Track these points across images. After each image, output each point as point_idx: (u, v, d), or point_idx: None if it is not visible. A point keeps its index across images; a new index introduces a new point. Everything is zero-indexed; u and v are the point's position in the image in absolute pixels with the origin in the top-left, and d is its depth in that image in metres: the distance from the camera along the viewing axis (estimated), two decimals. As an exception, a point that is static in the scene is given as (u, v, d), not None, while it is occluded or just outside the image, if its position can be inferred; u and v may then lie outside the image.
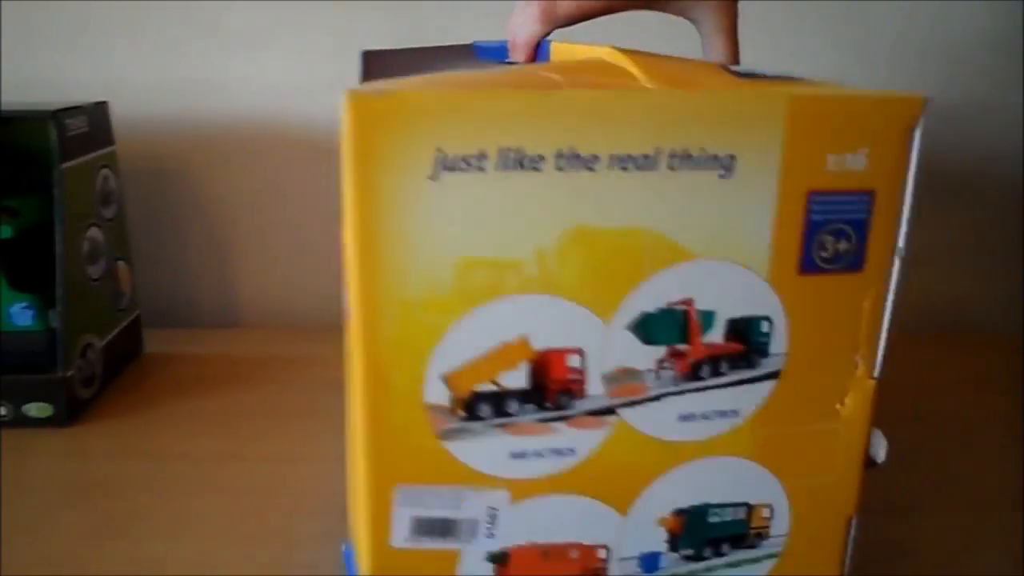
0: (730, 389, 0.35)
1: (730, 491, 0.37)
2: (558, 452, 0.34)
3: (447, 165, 0.30)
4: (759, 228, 0.33)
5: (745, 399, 0.36)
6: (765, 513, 0.38)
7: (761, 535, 0.38)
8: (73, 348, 0.63)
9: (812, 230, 0.34)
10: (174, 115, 0.84)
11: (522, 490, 0.35)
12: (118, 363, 0.72)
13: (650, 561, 0.37)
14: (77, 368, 0.64)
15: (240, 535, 0.49)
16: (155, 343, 0.78)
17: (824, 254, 0.34)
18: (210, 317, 0.90)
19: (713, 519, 0.37)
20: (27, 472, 0.56)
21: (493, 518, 0.35)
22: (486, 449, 0.34)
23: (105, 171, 0.70)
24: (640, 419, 0.35)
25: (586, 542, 0.36)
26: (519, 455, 0.34)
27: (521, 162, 0.31)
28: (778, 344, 0.35)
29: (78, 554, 0.47)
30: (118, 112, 0.78)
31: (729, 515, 0.37)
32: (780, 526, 0.38)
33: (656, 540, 0.37)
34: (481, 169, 0.31)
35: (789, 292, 0.34)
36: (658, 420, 0.35)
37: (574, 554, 0.36)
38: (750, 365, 0.35)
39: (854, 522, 0.39)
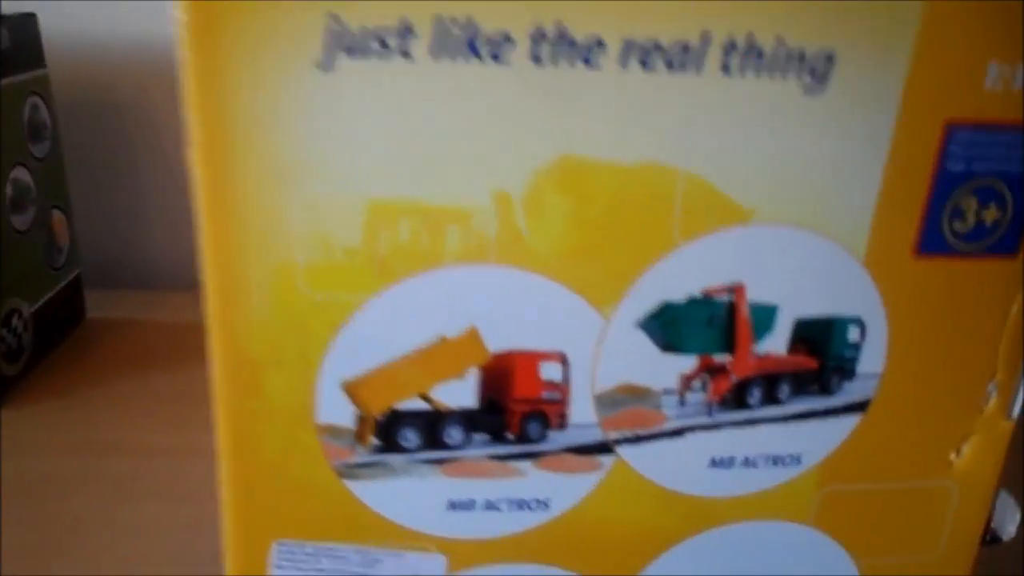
0: (791, 424, 0.23)
1: (782, 571, 0.25)
2: (523, 505, 0.23)
3: (347, 45, 0.18)
4: (860, 180, 0.21)
5: (812, 440, 0.24)
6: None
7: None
8: None
9: (946, 187, 0.21)
10: (122, 34, 0.72)
11: (466, 556, 0.23)
12: (53, 333, 0.61)
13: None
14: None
15: (195, 554, 0.39)
16: (100, 308, 0.66)
17: (960, 226, 0.22)
18: (165, 278, 0.78)
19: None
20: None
21: (422, 593, 0.24)
22: (411, 494, 0.22)
23: (34, 99, 0.59)
24: (650, 462, 0.23)
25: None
26: (462, 506, 0.23)
27: (472, 44, 0.19)
28: (871, 361, 0.23)
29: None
30: (51, 28, 0.66)
31: (775, 604, 0.26)
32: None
33: (665, 630, 0.25)
34: (405, 54, 0.18)
35: (896, 282, 0.22)
36: (677, 465, 0.23)
37: (543, 647, 0.25)
38: (825, 390, 0.23)
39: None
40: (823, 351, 0.23)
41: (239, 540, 0.22)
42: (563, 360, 0.21)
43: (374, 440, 0.22)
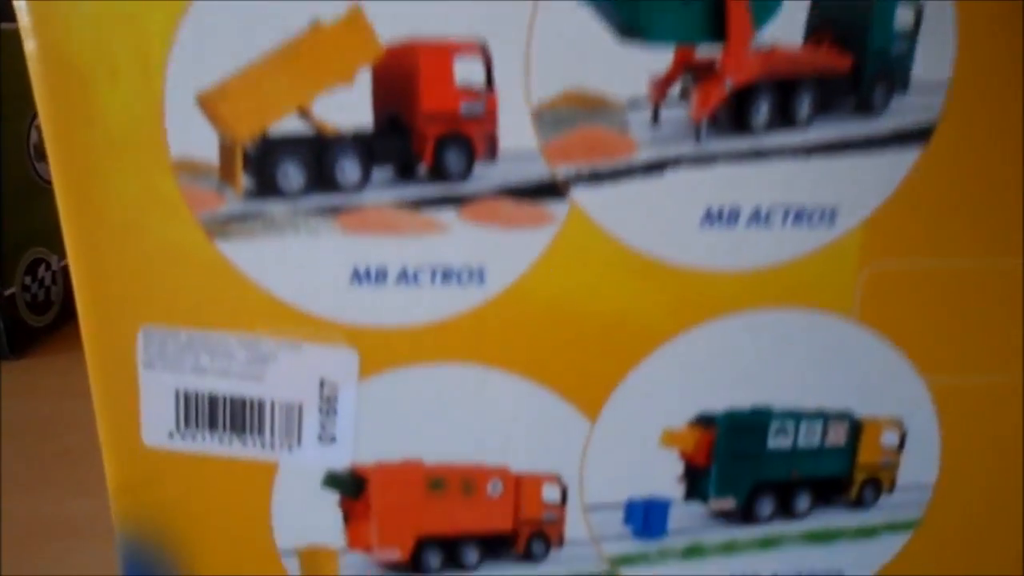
0: (818, 160, 0.17)
1: (814, 386, 0.19)
2: (449, 275, 0.17)
3: None
4: None
5: (852, 184, 0.17)
6: None
7: None
8: (15, 262, 0.51)
9: None
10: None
11: (383, 353, 0.18)
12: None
13: (650, 514, 0.19)
14: (21, 287, 0.52)
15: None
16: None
17: None
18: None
19: None
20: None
21: (329, 404, 0.18)
22: (301, 259, 0.17)
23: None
24: (618, 213, 0.17)
25: (522, 465, 0.19)
26: (370, 276, 0.17)
27: None
28: (935, 66, 0.16)
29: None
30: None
31: None
32: None
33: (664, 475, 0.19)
34: None
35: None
36: (658, 219, 0.17)
37: (494, 487, 0.19)
38: (865, 106, 0.16)
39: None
40: (859, 43, 0.16)
41: (96, 327, 0.18)
42: (484, 54, 0.16)
43: (246, 180, 0.17)
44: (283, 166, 0.16)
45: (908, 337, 0.18)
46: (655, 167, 0.16)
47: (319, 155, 0.16)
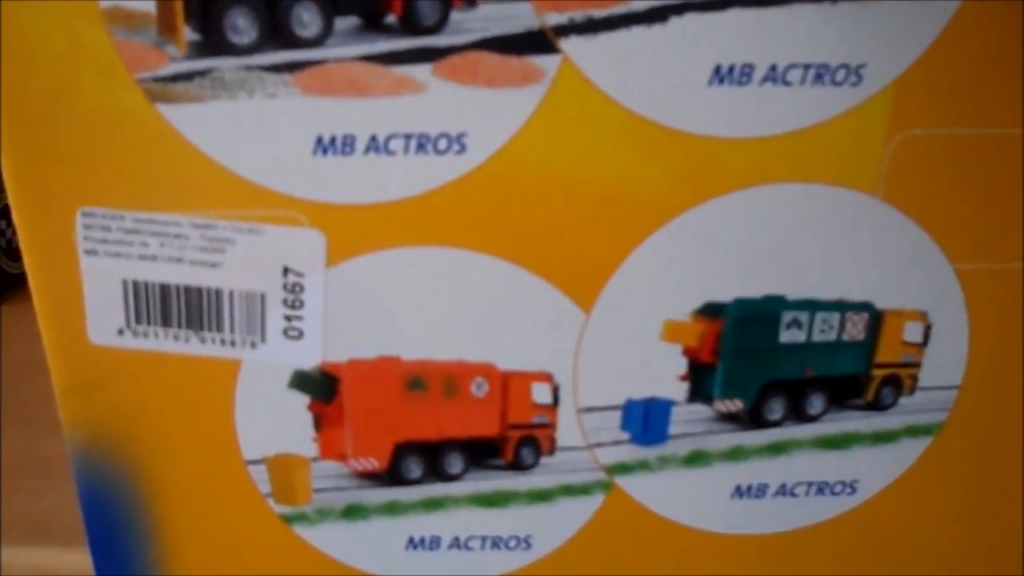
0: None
1: (835, 270, 0.17)
2: (425, 143, 0.15)
3: None
4: None
5: (883, 36, 0.15)
6: None
7: None
8: None
9: None
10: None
11: (353, 235, 0.16)
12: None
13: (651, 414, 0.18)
14: None
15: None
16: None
17: None
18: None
19: None
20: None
21: (295, 294, 0.16)
22: (258, 126, 0.15)
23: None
24: (614, 68, 0.15)
25: (510, 362, 0.17)
26: (336, 146, 0.15)
27: None
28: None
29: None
30: None
31: None
32: None
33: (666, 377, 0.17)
34: None
35: None
36: (663, 74, 0.15)
37: (478, 387, 0.17)
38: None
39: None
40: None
41: (30, 210, 0.16)
42: None
43: (189, 34, 0.15)
44: (231, 16, 0.14)
45: (938, 219, 0.16)
46: (657, 14, 0.14)
47: (272, 3, 0.14)
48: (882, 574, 0.20)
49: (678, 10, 0.14)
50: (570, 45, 0.14)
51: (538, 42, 0.14)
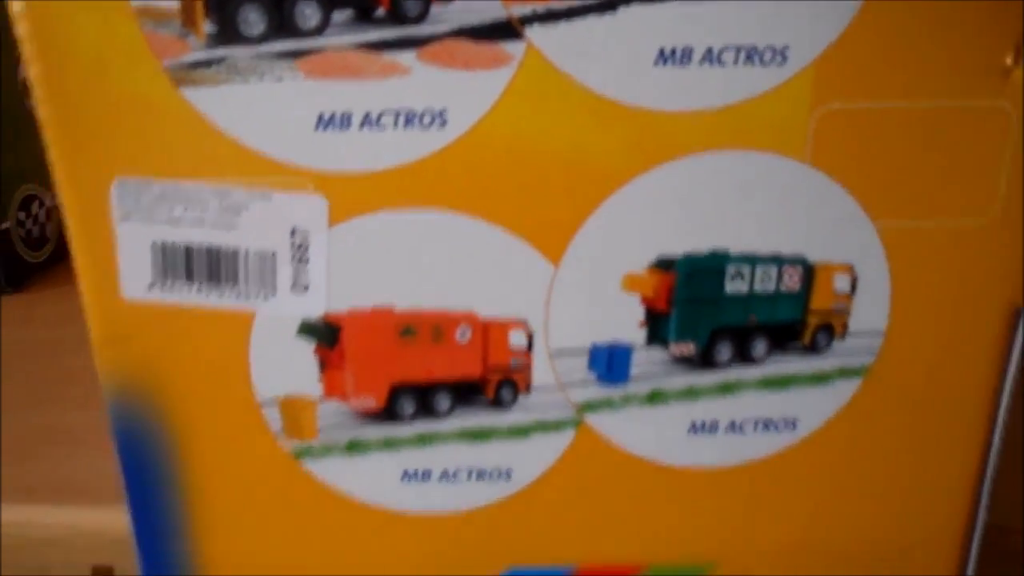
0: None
1: (766, 227, 0.19)
2: (412, 118, 0.18)
3: None
4: None
5: (800, 22, 0.17)
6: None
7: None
8: (8, 198, 0.52)
9: None
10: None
11: (350, 199, 0.18)
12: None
13: (614, 357, 0.20)
14: (16, 222, 0.52)
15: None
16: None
17: None
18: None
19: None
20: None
21: (301, 252, 0.19)
22: (268, 103, 0.18)
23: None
24: (570, 52, 0.17)
25: (489, 311, 0.20)
26: (335, 122, 0.18)
27: None
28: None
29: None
30: None
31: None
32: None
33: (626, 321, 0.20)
34: None
35: None
36: (613, 57, 0.17)
37: (462, 334, 0.20)
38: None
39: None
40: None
41: (71, 180, 0.18)
42: None
43: (208, 26, 0.17)
44: (244, 12, 0.17)
45: (859, 181, 0.19)
46: (608, 4, 0.17)
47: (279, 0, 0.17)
48: (822, 506, 0.22)
49: (626, 1, 0.17)
50: (534, 33, 0.17)
51: (506, 30, 0.17)
